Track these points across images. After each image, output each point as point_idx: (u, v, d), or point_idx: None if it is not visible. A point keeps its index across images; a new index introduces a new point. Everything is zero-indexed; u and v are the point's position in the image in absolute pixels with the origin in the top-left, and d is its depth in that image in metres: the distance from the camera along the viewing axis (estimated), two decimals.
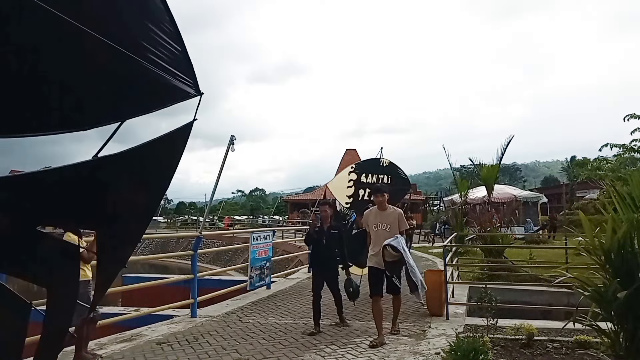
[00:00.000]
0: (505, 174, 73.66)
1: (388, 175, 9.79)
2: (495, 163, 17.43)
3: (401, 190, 10.27)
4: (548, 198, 33.53)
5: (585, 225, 4.37)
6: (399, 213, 6.44)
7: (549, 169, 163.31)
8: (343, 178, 9.74)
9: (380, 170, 9.75)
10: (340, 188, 9.61)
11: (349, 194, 9.46)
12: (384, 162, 9.88)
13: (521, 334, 5.73)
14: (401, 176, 10.07)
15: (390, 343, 5.82)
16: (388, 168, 9.84)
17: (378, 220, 6.32)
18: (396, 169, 9.98)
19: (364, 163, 10.17)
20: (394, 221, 6.27)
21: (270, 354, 5.45)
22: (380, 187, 6.98)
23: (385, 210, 6.40)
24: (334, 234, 6.81)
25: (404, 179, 10.21)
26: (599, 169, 13.53)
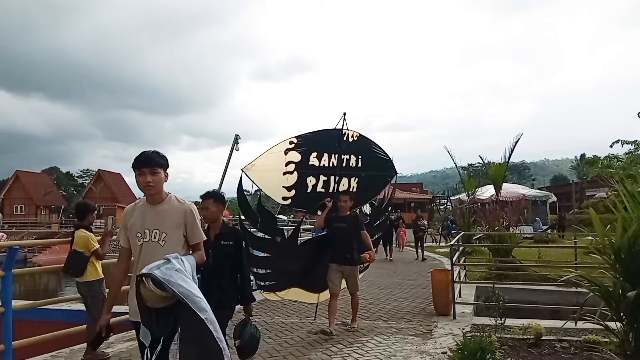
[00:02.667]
0: (514, 172, 73.28)
1: (357, 155, 6.75)
2: (504, 161, 17.31)
3: (380, 177, 7.19)
4: (557, 197, 33.27)
5: (596, 223, 4.32)
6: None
7: (558, 167, 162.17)
8: (275, 159, 5.94)
9: (344, 148, 6.58)
10: (269, 175, 5.88)
11: (288, 184, 6.00)
12: (349, 134, 6.66)
13: (529, 334, 5.68)
14: (379, 156, 7.05)
15: (397, 342, 5.79)
16: (356, 145, 6.77)
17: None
18: (370, 145, 6.99)
19: (314, 136, 6.31)
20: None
21: (276, 353, 5.44)
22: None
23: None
24: (225, 247, 4.04)
25: (382, 160, 7.11)
26: (609, 167, 13.39)
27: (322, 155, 6.36)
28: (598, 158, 15.40)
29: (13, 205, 53.08)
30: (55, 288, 19.56)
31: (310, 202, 6.43)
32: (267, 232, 6.06)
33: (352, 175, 6.73)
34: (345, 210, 6.17)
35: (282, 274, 6.23)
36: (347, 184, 6.68)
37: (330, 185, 6.50)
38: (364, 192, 6.98)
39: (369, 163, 6.90)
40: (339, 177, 6.56)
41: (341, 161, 6.56)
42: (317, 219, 6.47)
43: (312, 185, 6.29)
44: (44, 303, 6.03)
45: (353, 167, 6.74)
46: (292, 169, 6.03)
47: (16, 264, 4.88)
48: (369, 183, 6.97)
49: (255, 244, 6.08)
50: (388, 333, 6.27)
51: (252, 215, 6.00)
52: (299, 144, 6.07)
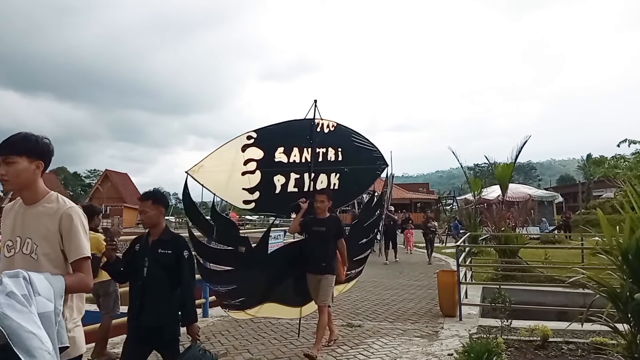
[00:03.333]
0: (520, 172, 73.00)
1: (335, 147, 5.89)
2: (510, 162, 17.22)
3: (366, 171, 6.38)
4: (564, 197, 33.10)
5: (603, 224, 4.28)
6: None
7: (565, 167, 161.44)
8: (229, 157, 5.00)
9: (318, 140, 5.68)
10: (222, 177, 4.94)
11: (250, 186, 5.08)
12: (323, 124, 5.75)
13: (536, 336, 5.65)
14: (363, 147, 6.26)
15: (403, 344, 5.78)
16: (334, 136, 5.88)
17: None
18: (350, 135, 6.12)
19: (279, 129, 5.39)
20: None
21: (282, 354, 5.45)
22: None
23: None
24: (162, 257, 3.37)
25: (368, 151, 6.33)
26: (616, 167, 13.29)
27: (291, 150, 5.43)
28: (605, 158, 15.28)
29: None
30: None
31: (281, 204, 5.48)
32: (226, 242, 5.03)
33: (331, 171, 5.92)
34: (323, 212, 5.39)
35: (251, 288, 5.25)
36: (326, 180, 5.85)
37: (305, 183, 5.60)
38: (349, 188, 6.18)
39: (351, 155, 6.07)
40: (315, 173, 5.69)
41: (316, 155, 5.66)
42: (292, 223, 5.70)
43: (282, 185, 5.38)
44: None
45: (332, 162, 5.89)
46: (254, 167, 5.06)
47: None
48: (353, 178, 6.18)
49: (213, 257, 5.07)
50: (394, 334, 6.26)
51: (204, 223, 4.93)
52: (259, 138, 5.08)
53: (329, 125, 5.88)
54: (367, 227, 6.58)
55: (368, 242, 6.64)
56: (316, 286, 5.33)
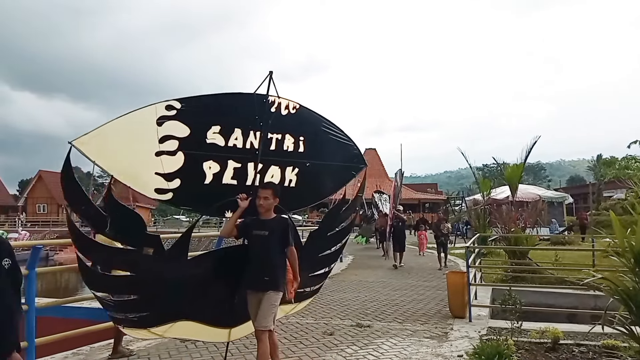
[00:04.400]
0: (530, 173, 72.46)
1: (296, 135, 4.73)
2: (520, 162, 17.13)
3: (338, 169, 5.21)
4: (574, 198, 32.85)
5: (616, 226, 4.27)
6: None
7: (575, 167, 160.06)
8: (136, 129, 3.92)
9: (273, 123, 4.52)
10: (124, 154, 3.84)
11: (166, 170, 3.98)
12: (281, 104, 4.58)
13: (546, 338, 5.62)
14: (335, 139, 5.06)
15: (412, 345, 5.79)
16: (296, 120, 4.71)
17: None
18: (320, 123, 4.93)
19: (214, 101, 4.33)
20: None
21: (292, 353, 5.48)
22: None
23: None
24: None
25: (342, 145, 5.14)
26: (627, 168, 13.21)
27: (231, 131, 4.28)
28: (615, 159, 15.20)
29: (36, 204, 54.50)
30: (75, 286, 19.90)
31: (211, 198, 4.29)
32: (125, 240, 3.95)
33: (287, 164, 4.71)
34: (267, 212, 4.28)
35: (159, 301, 4.11)
36: (278, 175, 4.66)
37: (248, 175, 4.44)
38: (310, 188, 4.96)
39: (318, 148, 4.90)
40: (264, 164, 4.53)
41: (267, 142, 4.49)
42: (225, 224, 4.63)
43: (215, 175, 4.23)
44: (66, 301, 6.14)
45: (290, 152, 4.69)
46: (174, 147, 3.96)
47: (39, 262, 5.00)
48: (318, 176, 5.00)
49: (104, 259, 3.95)
50: (403, 335, 6.27)
51: (92, 213, 3.77)
52: (185, 111, 3.98)
53: (289, 106, 4.63)
54: (332, 237, 5.32)
55: (332, 254, 5.40)
56: (256, 305, 4.22)
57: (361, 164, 5.41)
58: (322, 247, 5.24)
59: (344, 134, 5.14)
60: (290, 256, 4.29)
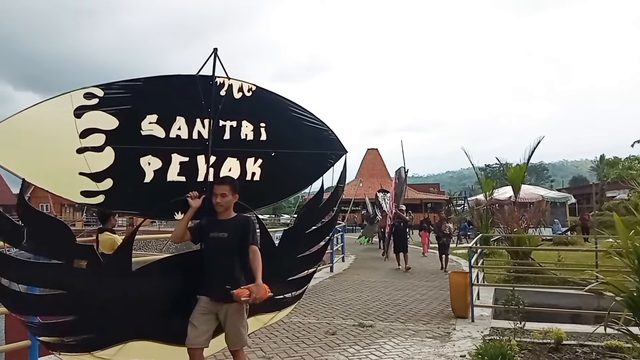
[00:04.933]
0: (532, 173, 72.29)
1: (256, 122, 4.16)
2: (523, 163, 17.10)
3: (309, 158, 4.57)
4: (577, 198, 32.73)
5: (619, 226, 4.25)
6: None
7: (578, 168, 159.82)
8: (52, 121, 3.28)
9: (225, 108, 3.98)
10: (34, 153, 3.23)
11: (93, 170, 3.42)
12: (232, 87, 4.03)
13: (549, 338, 5.61)
14: (306, 125, 4.46)
15: (415, 345, 5.78)
16: (254, 105, 4.14)
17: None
18: (285, 106, 4.35)
19: (149, 85, 3.72)
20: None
21: (294, 353, 5.48)
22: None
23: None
24: None
25: (314, 130, 4.51)
26: (630, 169, 13.19)
27: (172, 119, 3.74)
28: (619, 159, 15.19)
29: (39, 204, 54.39)
30: None
31: (154, 198, 3.71)
32: (50, 252, 3.39)
33: (247, 155, 4.14)
34: (225, 210, 3.73)
35: (103, 320, 3.53)
36: (237, 168, 4.09)
37: (199, 170, 3.90)
38: (281, 181, 4.38)
39: (284, 134, 4.32)
40: (218, 156, 3.99)
41: (220, 130, 3.96)
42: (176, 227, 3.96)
43: (156, 172, 3.68)
44: None
45: (249, 141, 4.12)
46: (101, 142, 3.40)
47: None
48: (289, 167, 4.37)
49: (23, 275, 3.29)
50: (405, 335, 6.26)
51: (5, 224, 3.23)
52: (108, 98, 3.42)
53: (243, 89, 4.07)
54: (312, 235, 4.69)
55: (315, 254, 4.79)
56: (206, 318, 3.62)
57: (339, 150, 4.74)
58: (301, 247, 4.62)
59: (316, 118, 4.54)
60: (252, 256, 3.62)
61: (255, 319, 4.18)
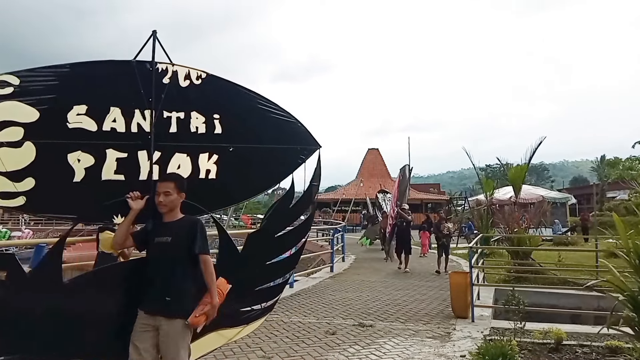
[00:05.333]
0: (533, 173, 72.31)
1: (208, 113, 3.74)
2: (524, 163, 17.10)
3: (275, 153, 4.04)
4: (577, 199, 32.73)
5: (620, 226, 4.25)
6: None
7: (578, 168, 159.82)
8: None
9: (170, 97, 3.57)
10: None
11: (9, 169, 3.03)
12: (177, 74, 3.62)
13: (549, 338, 5.61)
14: (270, 116, 3.99)
15: (415, 345, 5.78)
16: (202, 93, 3.70)
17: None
18: (241, 94, 3.91)
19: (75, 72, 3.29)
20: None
21: (294, 353, 5.48)
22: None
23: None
24: None
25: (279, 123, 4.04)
26: (631, 169, 13.19)
27: (105, 110, 3.32)
28: (619, 159, 15.19)
29: None
30: None
31: (85, 200, 3.30)
32: None
33: (200, 150, 3.70)
34: (171, 211, 3.30)
35: (26, 340, 3.06)
36: (188, 164, 3.64)
37: (141, 167, 3.46)
38: (242, 179, 3.90)
39: (244, 127, 3.88)
40: (163, 152, 3.55)
41: (165, 123, 3.54)
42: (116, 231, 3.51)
43: (88, 170, 3.27)
44: None
45: (200, 135, 3.68)
46: (18, 137, 3.06)
47: None
48: (250, 164, 3.89)
49: None
50: (406, 335, 6.26)
51: None
52: (25, 87, 3.08)
53: (191, 76, 3.65)
54: (283, 239, 4.16)
55: (287, 261, 4.28)
56: (146, 335, 3.16)
57: (311, 145, 4.23)
58: (270, 253, 4.08)
59: (282, 109, 4.08)
60: (203, 268, 3.19)
61: (218, 335, 3.71)
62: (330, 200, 44.39)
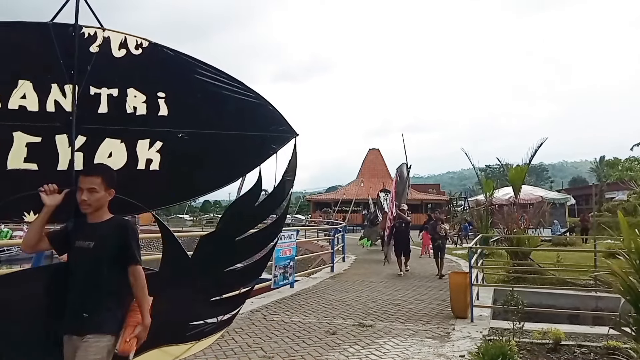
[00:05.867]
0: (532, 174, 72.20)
1: (150, 91, 3.08)
2: (524, 164, 17.15)
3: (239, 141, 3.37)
4: (576, 199, 32.80)
5: (624, 226, 4.29)
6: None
7: (577, 169, 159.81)
8: None
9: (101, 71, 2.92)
10: None
11: None
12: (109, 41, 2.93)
13: (548, 338, 5.65)
14: (233, 95, 3.29)
15: (414, 344, 5.82)
16: (139, 65, 3.03)
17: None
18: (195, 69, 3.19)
19: None
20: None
21: (294, 352, 5.51)
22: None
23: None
24: None
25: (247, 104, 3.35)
26: (630, 170, 13.23)
27: (12, 85, 2.77)
28: (618, 160, 15.25)
29: None
30: None
31: None
32: None
33: (139, 136, 3.07)
34: (95, 211, 2.70)
35: None
36: (122, 152, 3.03)
37: (59, 154, 2.88)
38: (194, 172, 3.25)
39: (199, 109, 3.22)
40: (88, 136, 2.94)
41: (91, 102, 2.91)
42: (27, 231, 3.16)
43: None
44: None
45: (140, 117, 3.04)
46: None
47: (44, 261, 5.03)
48: (206, 153, 3.27)
49: None
50: (405, 335, 6.30)
51: None
52: None
53: (128, 44, 2.98)
54: (245, 243, 3.50)
55: (250, 268, 3.64)
56: (69, 356, 2.61)
57: (285, 132, 3.53)
58: (230, 259, 3.47)
59: (247, 89, 3.36)
60: (133, 281, 2.64)
61: (162, 352, 3.14)
62: (331, 200, 44.45)
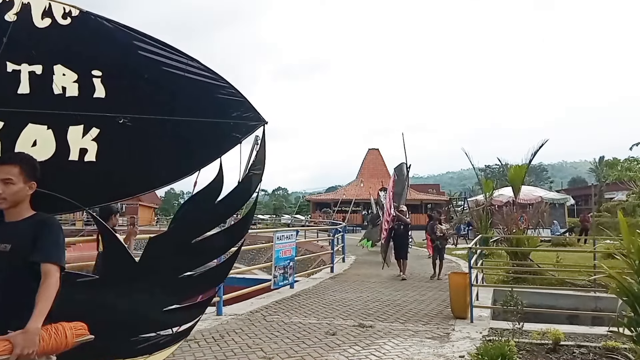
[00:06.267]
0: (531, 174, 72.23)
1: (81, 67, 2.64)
2: (523, 164, 17.17)
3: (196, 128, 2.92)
4: (575, 199, 32.85)
5: (623, 227, 4.30)
6: None
7: (577, 169, 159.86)
8: None
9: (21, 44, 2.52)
10: None
11: None
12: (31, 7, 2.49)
13: (547, 339, 5.66)
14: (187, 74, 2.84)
15: (414, 345, 5.83)
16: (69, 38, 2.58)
17: None
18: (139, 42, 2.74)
19: None
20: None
21: (294, 353, 5.52)
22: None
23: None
24: None
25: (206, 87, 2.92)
26: (629, 170, 13.26)
27: None
28: (618, 160, 15.27)
29: None
30: None
31: None
32: None
33: (70, 121, 2.67)
34: (12, 207, 2.37)
35: None
36: (50, 140, 2.64)
37: None
38: (138, 164, 2.86)
39: (144, 89, 2.81)
40: (9, 121, 2.58)
41: (9, 80, 2.54)
42: None
43: None
44: None
45: (70, 99, 2.64)
46: None
47: None
48: (154, 142, 2.87)
49: None
50: (405, 335, 6.31)
51: None
52: None
53: (54, 12, 2.57)
54: (203, 246, 3.12)
55: (210, 274, 3.24)
56: None
57: (252, 119, 3.10)
58: (184, 264, 3.07)
59: (204, 67, 2.93)
60: (42, 280, 2.22)
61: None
62: (331, 200, 44.47)
